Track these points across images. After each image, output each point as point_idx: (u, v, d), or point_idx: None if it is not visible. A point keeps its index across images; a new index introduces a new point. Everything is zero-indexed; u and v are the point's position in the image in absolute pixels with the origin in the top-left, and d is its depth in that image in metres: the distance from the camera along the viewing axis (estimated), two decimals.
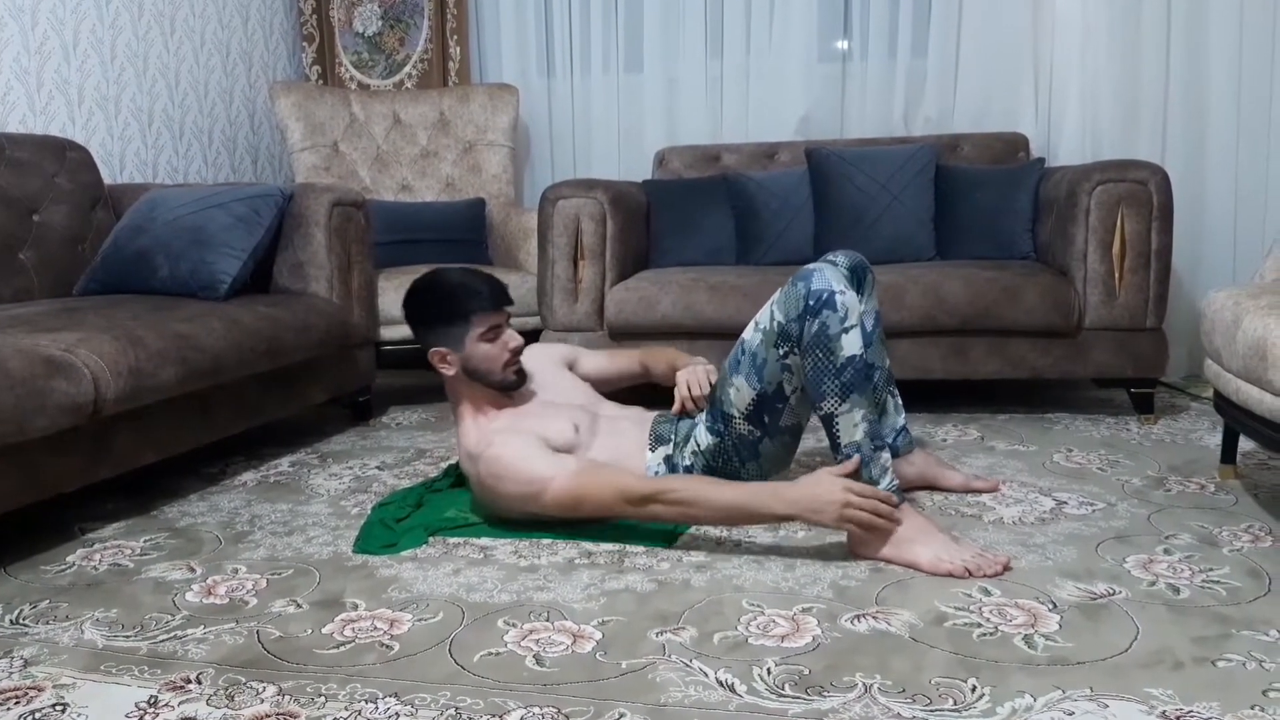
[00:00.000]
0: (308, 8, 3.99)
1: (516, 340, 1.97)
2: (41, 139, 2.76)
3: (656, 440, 1.97)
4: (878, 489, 1.72)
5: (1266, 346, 1.73)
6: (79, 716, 1.28)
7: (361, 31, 4.01)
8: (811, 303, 1.73)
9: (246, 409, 2.41)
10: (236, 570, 1.78)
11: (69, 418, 1.82)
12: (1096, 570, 1.67)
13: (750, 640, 1.44)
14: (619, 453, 1.94)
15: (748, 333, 1.85)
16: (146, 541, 1.95)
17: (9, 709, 1.30)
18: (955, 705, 1.24)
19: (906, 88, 3.57)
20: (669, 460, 1.94)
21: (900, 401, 2.14)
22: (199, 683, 1.36)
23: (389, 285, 3.10)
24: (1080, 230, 2.69)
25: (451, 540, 1.90)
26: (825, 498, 1.67)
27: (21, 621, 1.58)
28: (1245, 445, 2.27)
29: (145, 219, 2.62)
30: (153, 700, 1.31)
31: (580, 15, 3.81)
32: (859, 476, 1.73)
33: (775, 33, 3.64)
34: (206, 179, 3.57)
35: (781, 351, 1.78)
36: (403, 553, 1.84)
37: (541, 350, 2.21)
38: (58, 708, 1.30)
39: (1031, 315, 2.67)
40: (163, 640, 1.49)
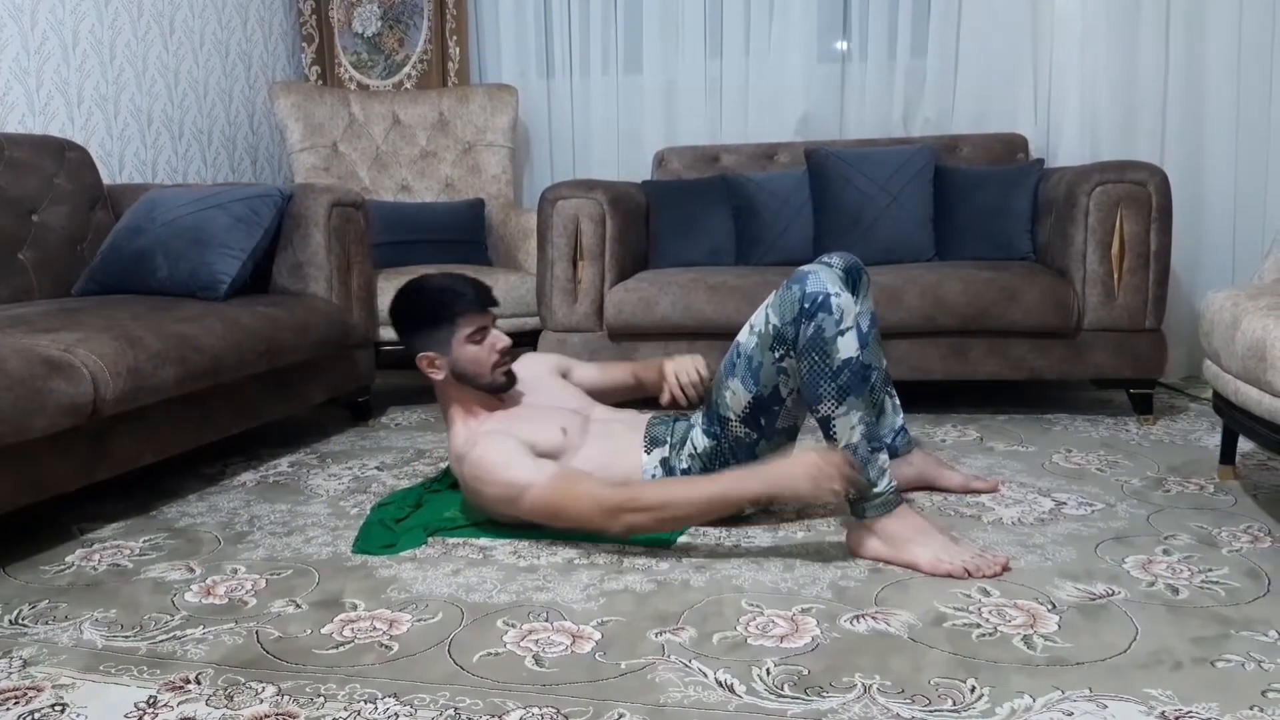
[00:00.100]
0: (307, 8, 3.99)
1: (504, 341, 1.98)
2: (41, 139, 2.76)
3: (652, 442, 1.96)
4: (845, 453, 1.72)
5: (1265, 347, 1.73)
6: (78, 717, 1.28)
7: (361, 32, 4.01)
8: (807, 305, 1.72)
9: (246, 409, 2.41)
10: (236, 570, 1.78)
11: (68, 418, 1.82)
12: (1095, 571, 1.67)
13: (749, 640, 1.44)
14: (611, 455, 1.92)
15: (743, 335, 1.85)
16: (146, 542, 1.95)
17: (8, 709, 1.30)
18: (954, 706, 1.24)
19: (906, 88, 3.57)
20: (666, 463, 1.93)
21: (898, 402, 2.14)
22: (198, 683, 1.36)
23: (388, 286, 3.09)
24: (1079, 231, 2.69)
25: (451, 541, 1.90)
26: (795, 468, 1.69)
27: (21, 622, 1.58)
28: (1244, 446, 2.27)
29: (144, 219, 2.62)
30: (152, 700, 1.31)
31: (580, 16, 3.81)
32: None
33: (774, 33, 3.64)
34: (206, 179, 3.57)
35: (777, 354, 1.78)
36: (402, 553, 1.84)
37: (534, 358, 2.24)
38: (57, 708, 1.30)
39: (1030, 316, 2.67)
40: (162, 640, 1.49)
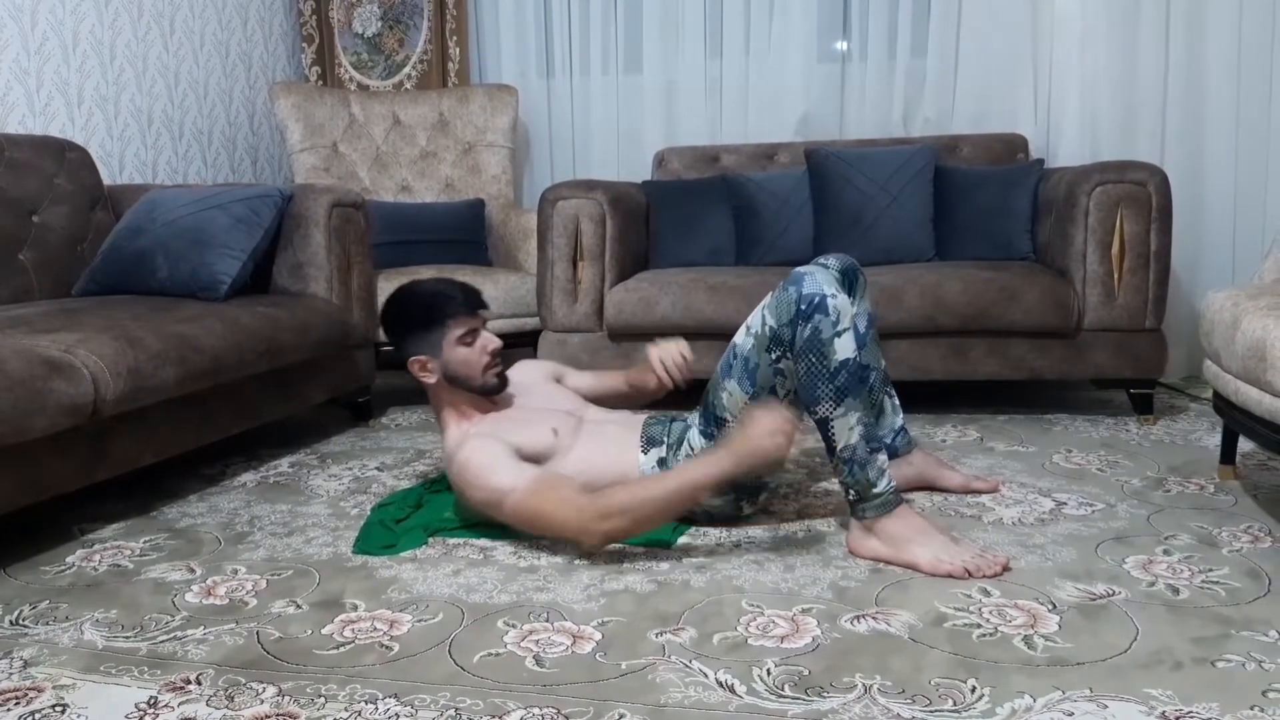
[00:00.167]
0: (307, 9, 3.99)
1: (495, 343, 1.99)
2: (41, 140, 2.76)
3: (649, 442, 1.96)
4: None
5: (1266, 347, 1.73)
6: (79, 717, 1.28)
7: (361, 32, 4.01)
8: (803, 307, 1.72)
9: (246, 409, 2.41)
10: (236, 571, 1.78)
11: (68, 418, 1.82)
12: (1096, 571, 1.67)
13: (750, 641, 1.44)
14: (606, 454, 1.92)
15: (739, 337, 1.85)
16: (146, 542, 1.95)
17: (9, 710, 1.30)
18: (955, 706, 1.24)
19: (906, 88, 3.57)
20: (663, 463, 1.93)
21: (898, 402, 2.14)
22: (199, 683, 1.36)
23: (388, 286, 3.09)
24: (1079, 231, 2.69)
25: (451, 541, 1.90)
26: (754, 432, 1.70)
27: (21, 622, 1.58)
28: (1244, 446, 2.27)
29: (145, 220, 2.62)
30: (152, 701, 1.31)
31: (580, 16, 3.81)
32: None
33: (774, 34, 3.64)
34: (206, 180, 3.57)
35: (774, 355, 1.77)
36: (402, 553, 1.84)
37: (528, 364, 2.26)
38: (57, 708, 1.30)
39: (1030, 316, 2.67)
40: (162, 641, 1.50)
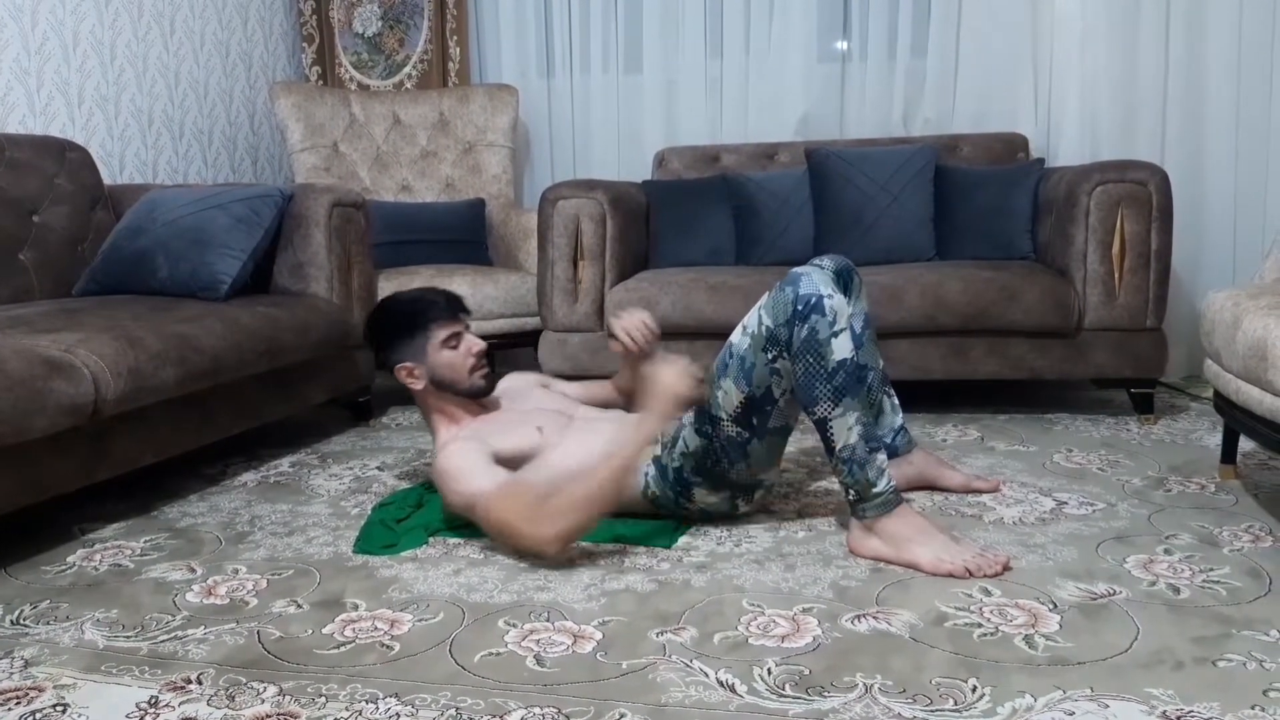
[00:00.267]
0: (307, 8, 3.99)
1: (479, 344, 2.03)
2: (41, 139, 2.76)
3: None
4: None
5: (1266, 347, 1.73)
6: (79, 717, 1.28)
7: (361, 32, 4.01)
8: (800, 308, 1.72)
9: (246, 409, 2.41)
10: (237, 571, 1.78)
11: (69, 418, 1.82)
12: (1097, 570, 1.67)
13: (751, 640, 1.44)
14: (594, 451, 1.92)
15: (735, 336, 1.85)
16: (147, 542, 1.95)
17: (10, 709, 1.30)
18: (956, 705, 1.24)
19: (906, 88, 3.57)
20: (658, 461, 1.93)
21: (897, 401, 2.14)
22: (199, 683, 1.36)
23: (389, 286, 3.10)
24: (1080, 231, 2.69)
25: (452, 540, 1.90)
26: (663, 385, 1.79)
27: (22, 622, 1.58)
28: (1245, 445, 2.27)
29: (145, 219, 2.62)
30: (153, 701, 1.31)
31: (580, 16, 3.81)
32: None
33: (775, 33, 3.64)
34: (206, 179, 3.57)
35: (770, 355, 1.77)
36: (403, 553, 1.84)
37: (516, 375, 2.30)
38: (58, 708, 1.30)
39: (1031, 316, 2.67)
40: (163, 641, 1.50)
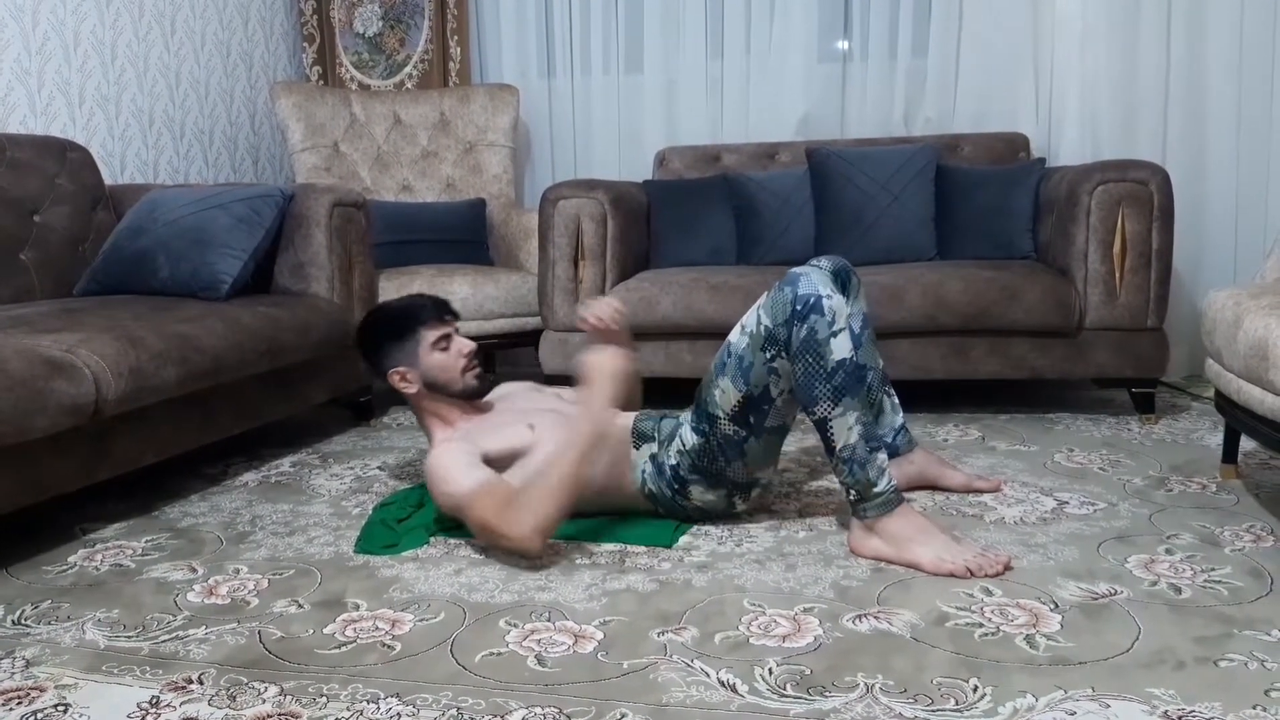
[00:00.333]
0: (308, 8, 3.99)
1: (469, 345, 2.06)
2: (42, 140, 2.76)
3: (639, 438, 1.96)
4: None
5: (1268, 346, 1.73)
6: (81, 717, 1.28)
7: (362, 32, 4.01)
8: (799, 308, 1.72)
9: (247, 409, 2.41)
10: (238, 570, 1.78)
11: (70, 418, 1.82)
12: (1098, 570, 1.67)
13: (752, 640, 1.44)
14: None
15: (734, 335, 1.85)
16: (148, 542, 1.96)
17: (11, 709, 1.30)
18: (957, 705, 1.24)
19: (907, 88, 3.57)
20: (655, 459, 1.93)
21: (897, 401, 2.14)
22: (201, 683, 1.36)
23: (390, 286, 3.10)
24: (1081, 230, 2.69)
25: (453, 540, 1.90)
26: (599, 371, 1.82)
27: (23, 622, 1.58)
28: (1247, 445, 2.27)
29: (146, 219, 2.62)
30: (154, 701, 1.31)
31: (580, 16, 3.81)
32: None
33: (775, 33, 3.64)
34: (207, 179, 3.57)
35: (768, 355, 1.77)
36: (404, 553, 1.84)
37: (510, 382, 2.32)
38: (60, 708, 1.30)
39: (1032, 315, 2.67)
40: (164, 641, 1.50)
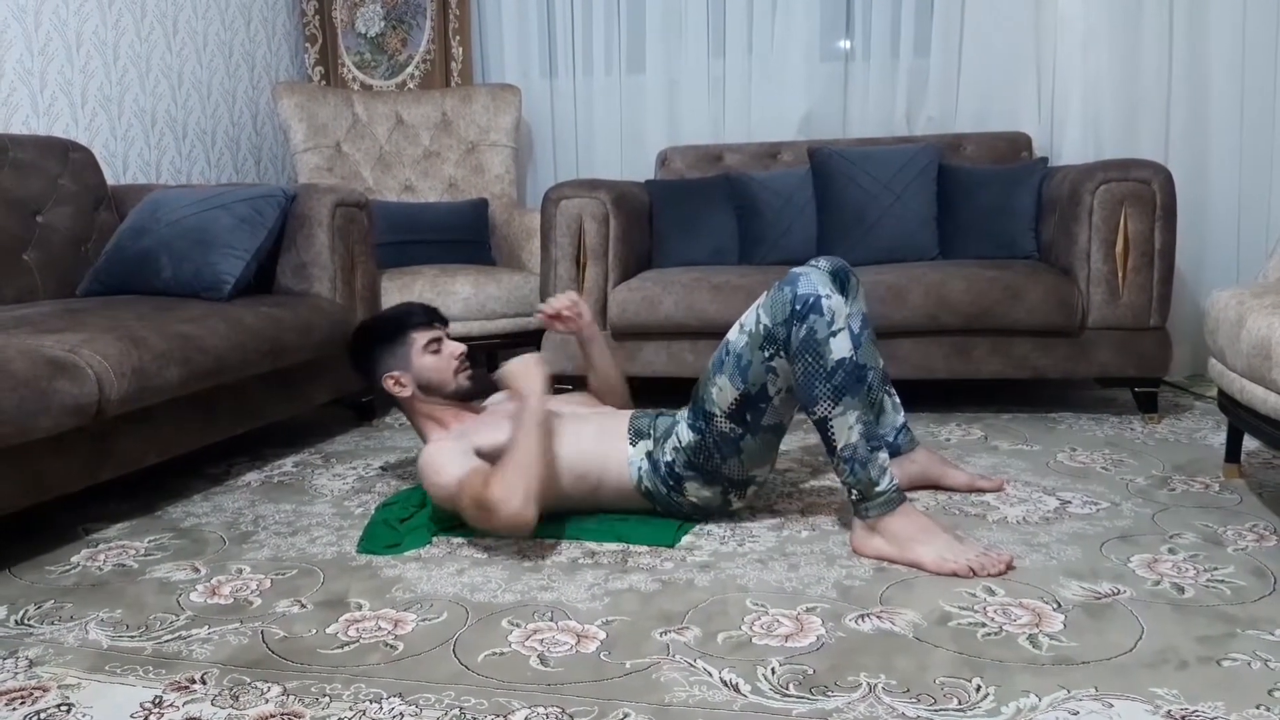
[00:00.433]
0: (310, 9, 4.00)
1: (459, 348, 2.12)
2: (45, 140, 2.76)
3: (636, 435, 1.97)
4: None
5: (1271, 346, 1.72)
6: (84, 717, 1.28)
7: (364, 32, 4.01)
8: (798, 307, 1.73)
9: (250, 409, 2.41)
10: (241, 570, 1.78)
11: (73, 418, 1.82)
12: (1101, 570, 1.67)
13: (754, 640, 1.44)
14: (594, 445, 1.94)
15: (733, 334, 1.85)
16: (151, 542, 1.96)
17: (14, 709, 1.30)
18: (960, 705, 1.24)
19: (909, 87, 3.57)
20: (650, 456, 1.93)
21: (898, 400, 2.14)
22: (203, 683, 1.36)
23: (392, 286, 3.11)
24: (1083, 229, 2.69)
25: (455, 540, 1.90)
26: (520, 377, 1.86)
27: (26, 622, 1.58)
28: (1250, 444, 2.27)
29: (148, 220, 2.63)
30: (157, 700, 1.32)
31: (582, 16, 3.81)
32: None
33: (777, 33, 3.64)
34: (209, 180, 3.57)
35: (767, 354, 1.77)
36: (407, 553, 1.84)
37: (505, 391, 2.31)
38: (63, 708, 1.31)
39: (1034, 315, 2.67)
40: (167, 640, 1.50)
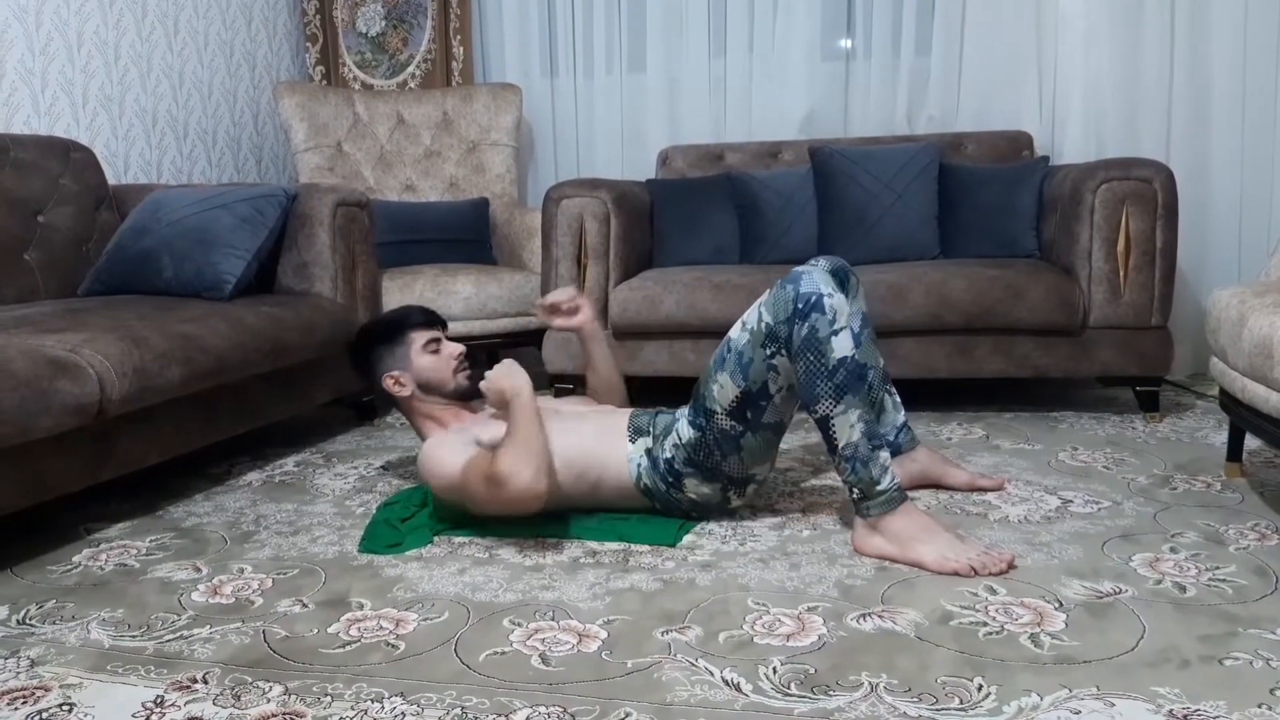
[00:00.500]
0: (311, 8, 4.00)
1: (458, 348, 2.14)
2: (46, 140, 2.76)
3: (635, 432, 1.97)
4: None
5: (1272, 344, 1.72)
6: (86, 716, 1.29)
7: (365, 32, 4.01)
8: (800, 305, 1.73)
9: (251, 409, 2.41)
10: (242, 570, 1.78)
11: (74, 418, 1.82)
12: (1102, 569, 1.67)
13: (756, 639, 1.44)
14: (594, 442, 1.95)
15: (734, 332, 1.86)
16: (152, 542, 1.96)
17: (16, 709, 1.31)
18: (961, 704, 1.24)
19: (910, 86, 3.56)
20: (650, 453, 1.94)
21: (898, 399, 2.14)
22: (205, 682, 1.36)
23: (393, 285, 3.11)
24: (1085, 228, 2.68)
25: (456, 540, 1.90)
26: (502, 383, 1.84)
27: (28, 622, 1.58)
28: (1251, 443, 2.27)
29: (150, 219, 2.63)
30: (159, 700, 1.32)
31: (583, 15, 3.81)
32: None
33: (778, 31, 3.64)
34: (210, 179, 3.57)
35: (768, 352, 1.78)
36: (408, 552, 1.84)
37: None
38: (64, 707, 1.31)
39: (1036, 314, 2.67)
40: (169, 640, 1.50)
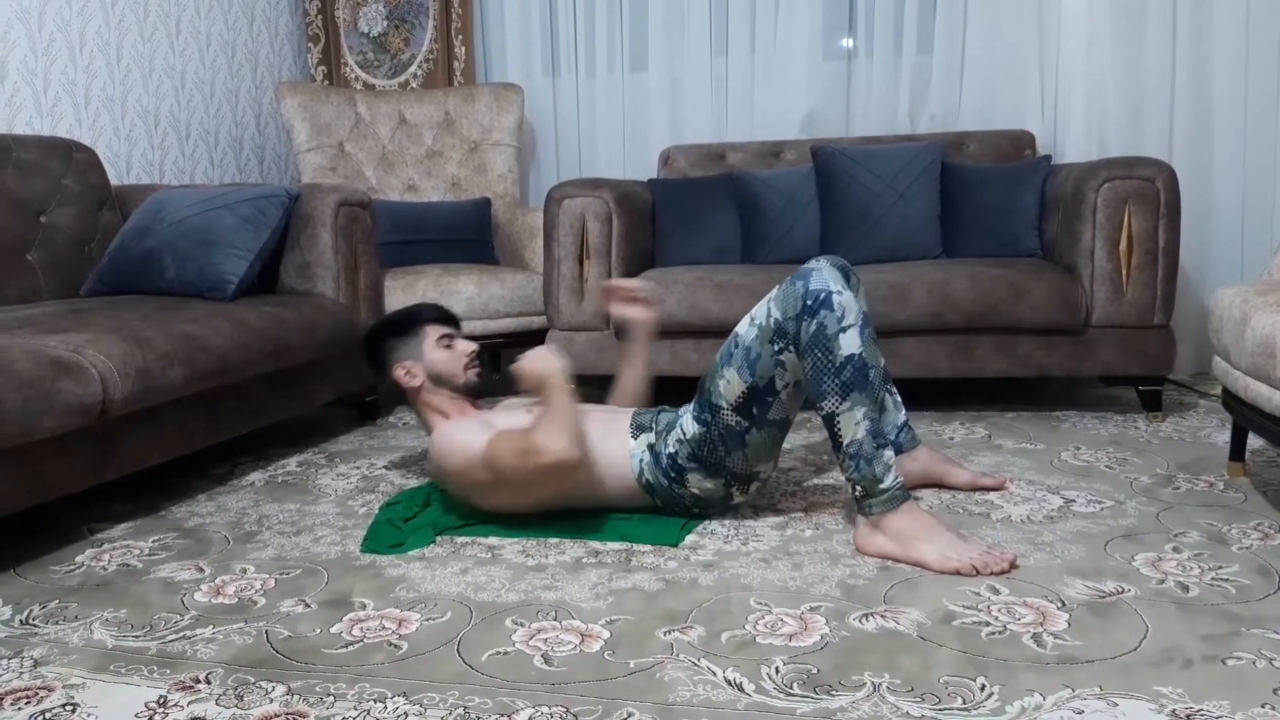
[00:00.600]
0: (313, 8, 4.00)
1: (471, 346, 2.16)
2: (48, 140, 2.76)
3: (638, 429, 1.98)
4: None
5: (1275, 343, 1.72)
6: (89, 716, 1.29)
7: (367, 32, 4.01)
8: (809, 302, 1.73)
9: (254, 409, 2.41)
10: (245, 570, 1.79)
11: (76, 419, 1.83)
12: (1105, 568, 1.67)
13: (758, 639, 1.44)
14: (596, 438, 1.95)
15: (742, 327, 1.86)
16: (155, 542, 1.96)
17: (19, 709, 1.31)
18: (964, 704, 1.24)
19: (912, 85, 3.56)
20: (652, 449, 1.94)
21: (899, 398, 2.14)
22: (208, 682, 1.36)
23: (395, 285, 3.11)
24: (1087, 227, 2.68)
25: (459, 540, 1.90)
26: (536, 367, 1.89)
27: (31, 622, 1.59)
28: (1254, 443, 2.27)
29: (152, 220, 2.63)
30: (162, 700, 1.32)
31: (585, 15, 3.81)
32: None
33: (780, 31, 3.64)
34: (213, 180, 3.58)
35: (776, 348, 1.78)
36: (410, 552, 1.84)
37: (516, 398, 2.35)
38: (67, 708, 1.31)
39: (1038, 313, 2.67)
40: (172, 640, 1.50)
